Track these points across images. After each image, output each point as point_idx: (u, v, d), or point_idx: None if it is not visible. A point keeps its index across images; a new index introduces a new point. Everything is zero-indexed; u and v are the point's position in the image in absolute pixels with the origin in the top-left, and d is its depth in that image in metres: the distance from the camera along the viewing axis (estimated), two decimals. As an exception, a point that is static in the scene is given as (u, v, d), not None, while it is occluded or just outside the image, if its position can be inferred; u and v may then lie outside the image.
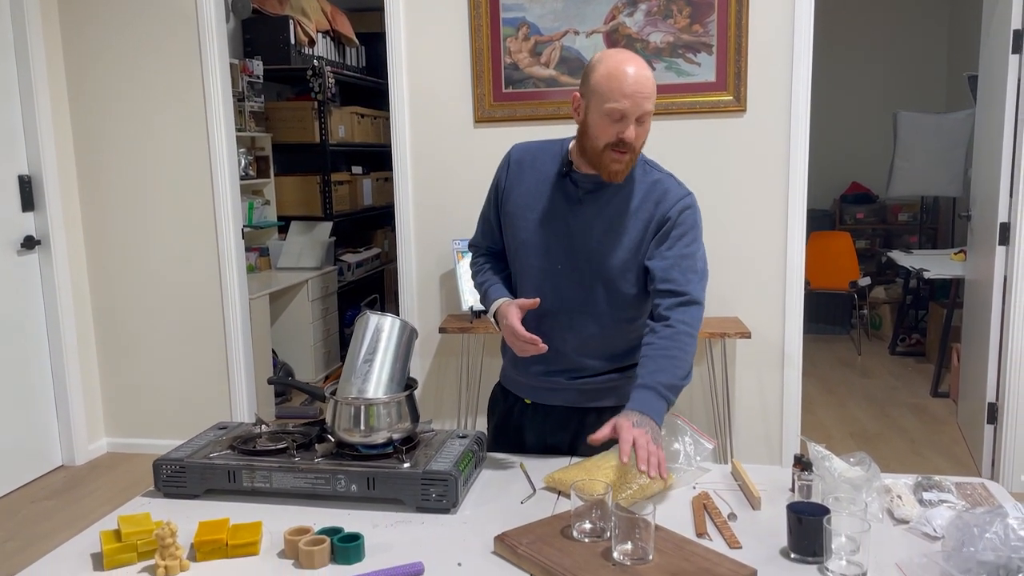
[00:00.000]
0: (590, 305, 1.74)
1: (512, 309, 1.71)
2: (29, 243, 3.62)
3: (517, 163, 1.82)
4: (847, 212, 6.72)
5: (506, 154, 1.85)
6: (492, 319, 1.79)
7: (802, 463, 1.52)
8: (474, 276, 1.93)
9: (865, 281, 5.84)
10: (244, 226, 3.91)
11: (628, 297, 1.74)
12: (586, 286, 1.74)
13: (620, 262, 1.71)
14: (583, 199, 1.73)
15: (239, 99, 4.63)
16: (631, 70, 1.59)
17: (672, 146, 3.26)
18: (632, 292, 1.74)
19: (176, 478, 1.61)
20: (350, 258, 5.55)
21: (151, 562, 1.34)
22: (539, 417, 1.87)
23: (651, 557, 1.27)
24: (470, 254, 1.99)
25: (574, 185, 1.74)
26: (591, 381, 1.81)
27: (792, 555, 1.32)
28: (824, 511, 1.31)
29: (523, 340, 1.67)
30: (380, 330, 1.65)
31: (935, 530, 1.39)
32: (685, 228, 1.70)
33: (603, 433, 1.51)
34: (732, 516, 1.48)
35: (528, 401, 1.90)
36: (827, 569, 1.27)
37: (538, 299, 1.70)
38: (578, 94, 1.68)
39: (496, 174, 1.86)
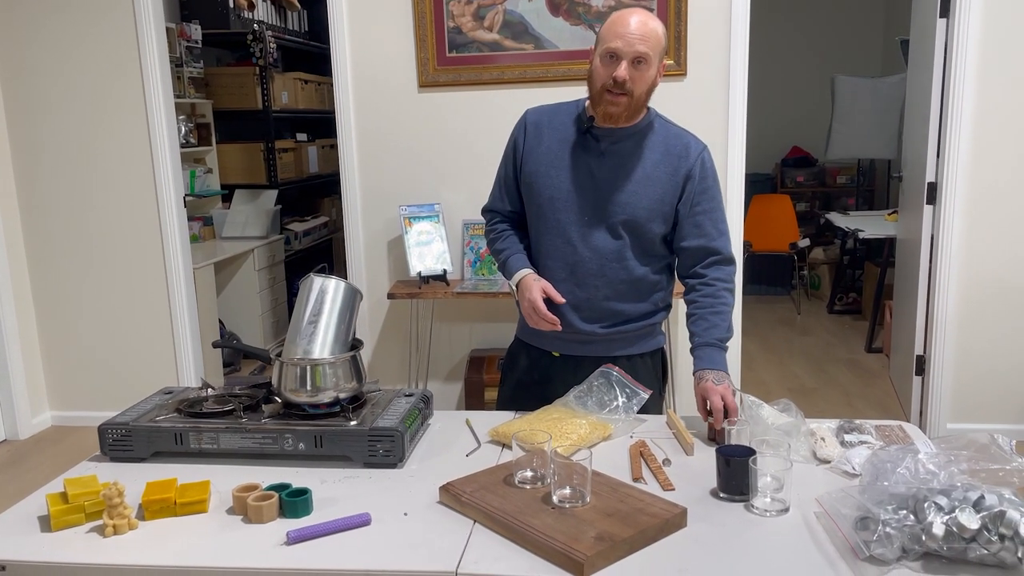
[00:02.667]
0: (620, 251, 1.80)
1: (537, 287, 1.78)
2: (-40, 214, 3.52)
3: (534, 125, 1.87)
4: (788, 175, 6.88)
5: (521, 118, 1.90)
6: (513, 287, 1.86)
7: None
8: (492, 242, 1.97)
9: (804, 243, 6.01)
10: (186, 195, 3.85)
11: (655, 242, 1.83)
12: (615, 234, 1.80)
13: (646, 210, 1.78)
14: (606, 151, 1.80)
15: (177, 64, 4.52)
16: (632, 16, 1.69)
17: (615, 110, 3.30)
18: (659, 238, 1.83)
19: (122, 442, 1.62)
20: (297, 227, 5.50)
21: (99, 522, 1.36)
22: (568, 369, 1.89)
23: (588, 500, 1.33)
24: (420, 221, 2.03)
25: (595, 140, 1.80)
26: (625, 329, 1.87)
27: (721, 495, 1.40)
28: (750, 453, 1.38)
29: (544, 318, 1.75)
30: (324, 292, 1.67)
31: (854, 468, 1.49)
32: (707, 182, 1.81)
33: (703, 408, 1.66)
34: (667, 462, 1.55)
35: (556, 354, 1.91)
36: (753, 506, 1.35)
37: (564, 300, 1.79)
38: (592, 47, 1.77)
39: (512, 138, 1.91)
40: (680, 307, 3.41)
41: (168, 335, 3.77)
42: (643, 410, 1.78)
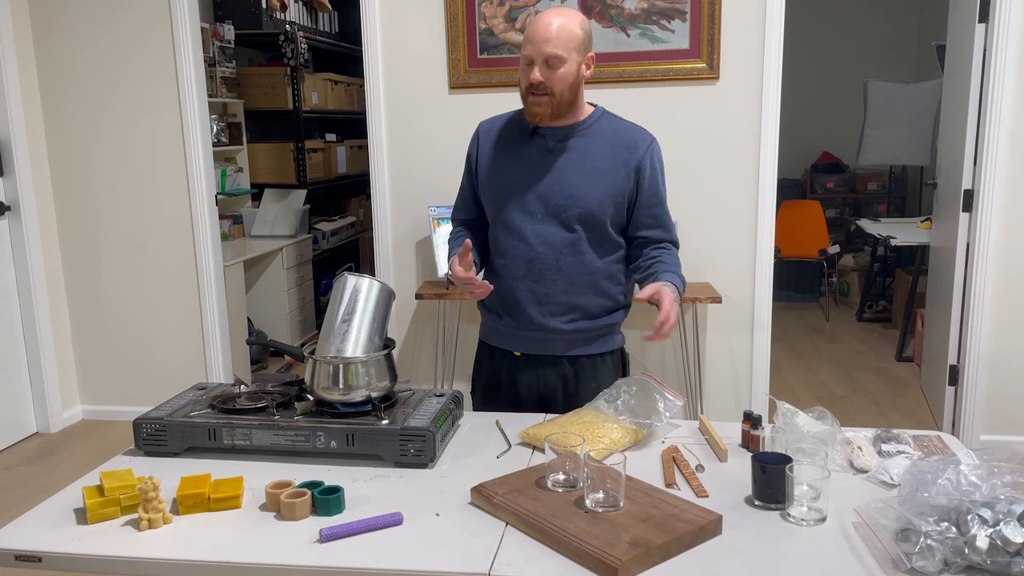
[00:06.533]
0: (575, 244, 1.85)
1: (454, 262, 1.83)
2: (-2, 209, 3.58)
3: (486, 134, 1.97)
4: (817, 181, 6.81)
5: (475, 131, 2.00)
6: (448, 274, 1.92)
7: (751, 419, 1.59)
8: (448, 244, 2.05)
9: (834, 249, 5.94)
10: (217, 193, 3.89)
11: (608, 235, 1.87)
12: (568, 228, 1.84)
13: (599, 201, 1.83)
14: (554, 149, 1.86)
15: (210, 64, 4.57)
16: (544, 18, 1.75)
17: (645, 113, 3.29)
18: (613, 228, 1.87)
19: (156, 437, 1.63)
20: (325, 226, 5.54)
21: (134, 516, 1.37)
22: (532, 368, 1.93)
23: (622, 505, 1.32)
24: (449, 223, 2.09)
25: (543, 139, 1.87)
26: (585, 326, 1.89)
27: (756, 502, 1.38)
28: (787, 460, 1.36)
29: (464, 281, 1.79)
30: (358, 291, 1.68)
31: (892, 478, 1.46)
32: (658, 175, 1.89)
33: (647, 293, 1.71)
34: (700, 467, 1.54)
35: (518, 353, 1.95)
36: (789, 515, 1.33)
37: (469, 241, 1.78)
38: None
39: (468, 151, 2.00)
40: (708, 316, 3.40)
41: (198, 332, 3.81)
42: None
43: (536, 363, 1.93)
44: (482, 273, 2.02)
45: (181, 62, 3.58)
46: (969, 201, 3.37)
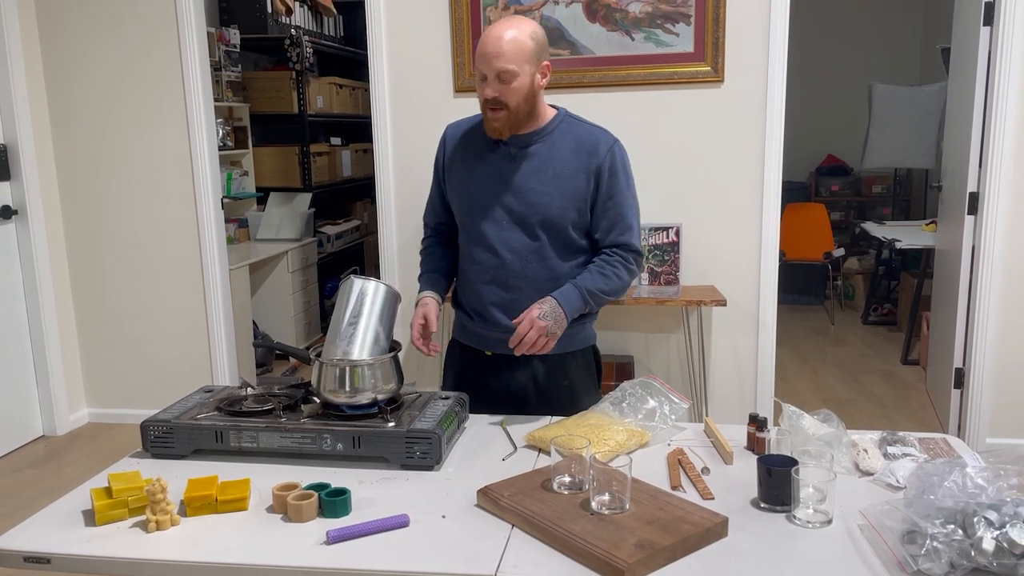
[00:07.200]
0: (539, 251, 1.87)
1: (418, 312, 1.91)
2: (6, 213, 3.59)
3: (452, 138, 1.98)
4: (822, 184, 6.80)
5: (442, 134, 2.00)
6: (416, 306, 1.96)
7: (757, 421, 1.59)
8: (420, 255, 2.11)
9: (839, 252, 5.93)
10: (223, 197, 3.90)
11: (572, 240, 1.88)
12: (532, 235, 1.86)
13: (560, 208, 1.85)
14: (516, 155, 1.86)
15: (215, 68, 4.59)
16: (494, 32, 1.75)
17: (650, 116, 3.29)
18: (576, 235, 1.88)
19: (164, 439, 1.64)
20: (329, 230, 5.55)
21: (142, 518, 1.38)
22: (502, 367, 1.95)
23: (627, 507, 1.32)
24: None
25: (506, 145, 1.88)
26: None
27: (762, 504, 1.38)
28: (792, 463, 1.37)
29: (416, 343, 1.87)
30: (364, 294, 1.69)
31: (898, 481, 1.46)
32: (618, 176, 1.86)
33: (517, 319, 1.77)
34: (705, 470, 1.54)
35: (489, 353, 1.97)
36: (795, 517, 1.34)
37: (434, 331, 1.89)
38: None
39: (436, 156, 2.01)
40: (713, 318, 3.39)
41: (204, 335, 3.82)
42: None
43: (507, 363, 1.93)
44: (453, 284, 2.06)
45: (187, 66, 3.60)
46: (974, 204, 3.36)
